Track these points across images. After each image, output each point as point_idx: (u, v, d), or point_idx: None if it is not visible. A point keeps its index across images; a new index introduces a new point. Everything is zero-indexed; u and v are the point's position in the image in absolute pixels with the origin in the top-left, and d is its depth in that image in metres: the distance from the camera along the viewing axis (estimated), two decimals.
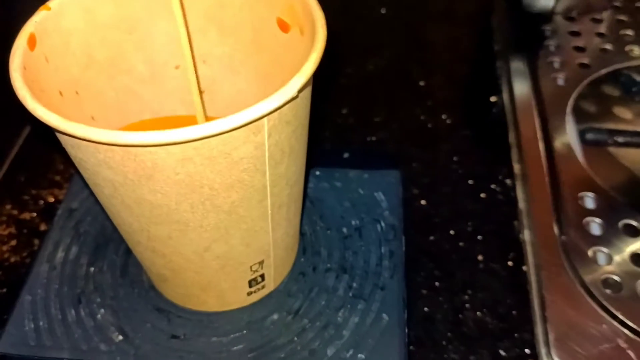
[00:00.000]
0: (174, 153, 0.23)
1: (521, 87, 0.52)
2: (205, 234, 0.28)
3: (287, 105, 0.24)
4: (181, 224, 0.27)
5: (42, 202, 0.44)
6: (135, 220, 0.27)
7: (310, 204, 0.39)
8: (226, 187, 0.26)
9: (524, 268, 0.40)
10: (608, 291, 0.37)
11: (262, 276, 0.33)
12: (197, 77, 0.32)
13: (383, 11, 0.60)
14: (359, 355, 0.32)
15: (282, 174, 0.28)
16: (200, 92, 0.34)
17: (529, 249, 0.41)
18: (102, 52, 0.31)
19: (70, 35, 0.30)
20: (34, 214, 0.43)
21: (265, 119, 0.24)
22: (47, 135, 0.28)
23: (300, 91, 0.24)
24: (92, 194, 0.39)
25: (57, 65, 0.29)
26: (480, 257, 0.41)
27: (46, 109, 0.23)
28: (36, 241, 0.41)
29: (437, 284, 0.39)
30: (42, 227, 0.42)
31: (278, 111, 0.24)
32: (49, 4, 0.29)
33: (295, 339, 0.33)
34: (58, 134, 0.25)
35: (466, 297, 0.39)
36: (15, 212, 0.43)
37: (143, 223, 0.27)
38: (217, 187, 0.25)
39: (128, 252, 0.37)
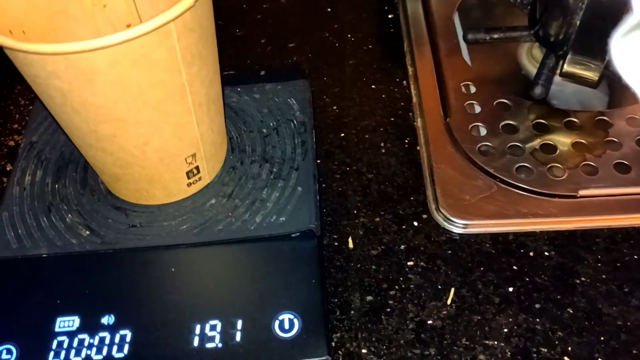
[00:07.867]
0: (105, 58, 0.30)
1: (413, 3, 0.60)
2: (141, 129, 0.35)
3: (188, 14, 0.32)
4: (121, 121, 0.34)
5: (4, 148, 0.50)
6: (84, 123, 0.35)
7: (234, 114, 0.47)
8: (151, 85, 0.33)
9: (418, 148, 0.49)
10: (482, 156, 0.46)
11: (197, 168, 0.41)
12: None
13: None
14: (281, 219, 0.40)
15: (195, 74, 0.35)
16: (127, 25, 0.41)
17: (421, 133, 0.50)
18: None
19: None
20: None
21: (172, 24, 0.31)
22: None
23: (196, 1, 0.31)
24: (47, 128, 0.46)
25: (5, 8, 0.35)
26: (382, 144, 0.49)
27: (2, 36, 0.30)
28: (4, 179, 0.48)
29: (347, 168, 0.48)
30: (8, 167, 0.49)
31: (182, 18, 0.31)
32: None
33: (230, 214, 0.41)
34: (13, 58, 0.32)
35: (371, 175, 0.47)
36: None
37: (91, 124, 0.35)
38: (143, 85, 0.33)
39: (85, 169, 0.44)
